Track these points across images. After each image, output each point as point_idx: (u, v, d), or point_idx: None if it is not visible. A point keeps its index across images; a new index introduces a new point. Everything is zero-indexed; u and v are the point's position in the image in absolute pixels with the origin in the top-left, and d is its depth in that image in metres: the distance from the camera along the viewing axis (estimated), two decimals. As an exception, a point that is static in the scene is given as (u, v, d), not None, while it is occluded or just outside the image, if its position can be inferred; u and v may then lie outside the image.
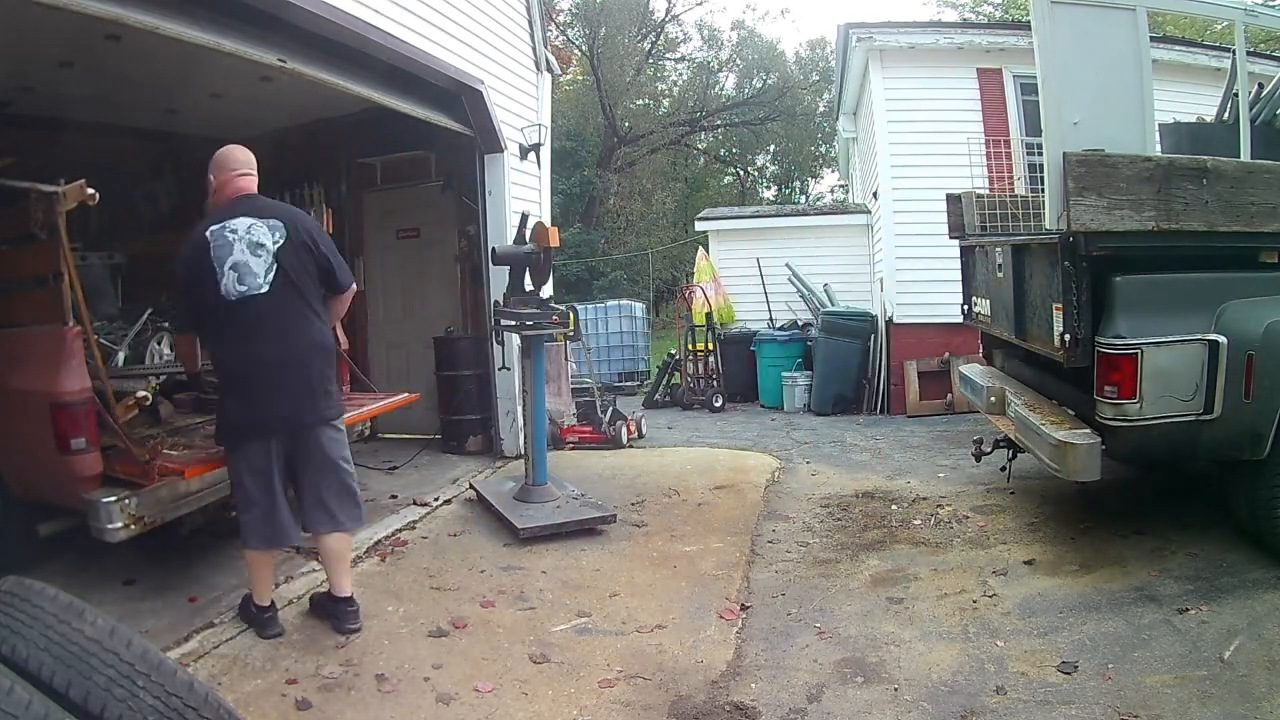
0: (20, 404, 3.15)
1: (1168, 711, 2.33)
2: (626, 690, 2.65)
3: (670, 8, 23.60)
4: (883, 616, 3.16)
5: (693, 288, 9.86)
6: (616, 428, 6.48)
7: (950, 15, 19.51)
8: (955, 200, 5.03)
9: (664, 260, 21.14)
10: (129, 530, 3.03)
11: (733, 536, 4.12)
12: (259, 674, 2.71)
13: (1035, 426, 3.53)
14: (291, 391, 2.91)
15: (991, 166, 7.48)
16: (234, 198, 2.99)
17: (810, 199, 26.13)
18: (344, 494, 3.06)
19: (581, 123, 22.76)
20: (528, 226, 4.68)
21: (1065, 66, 3.42)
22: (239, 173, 3.04)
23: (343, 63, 4.44)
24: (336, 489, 3.04)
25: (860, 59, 8.35)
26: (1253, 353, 3.10)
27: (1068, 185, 3.17)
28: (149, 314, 4.45)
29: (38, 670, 1.47)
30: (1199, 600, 2.97)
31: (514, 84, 6.28)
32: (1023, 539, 3.84)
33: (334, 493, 3.03)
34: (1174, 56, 7.43)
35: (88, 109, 5.12)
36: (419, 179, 6.49)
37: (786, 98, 23.92)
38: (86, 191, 2.95)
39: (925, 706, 2.49)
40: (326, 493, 3.01)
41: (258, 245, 2.87)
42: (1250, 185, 3.25)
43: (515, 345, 5.36)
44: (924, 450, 6.07)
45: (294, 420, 2.94)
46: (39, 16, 3.07)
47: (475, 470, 5.59)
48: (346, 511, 3.07)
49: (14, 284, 3.46)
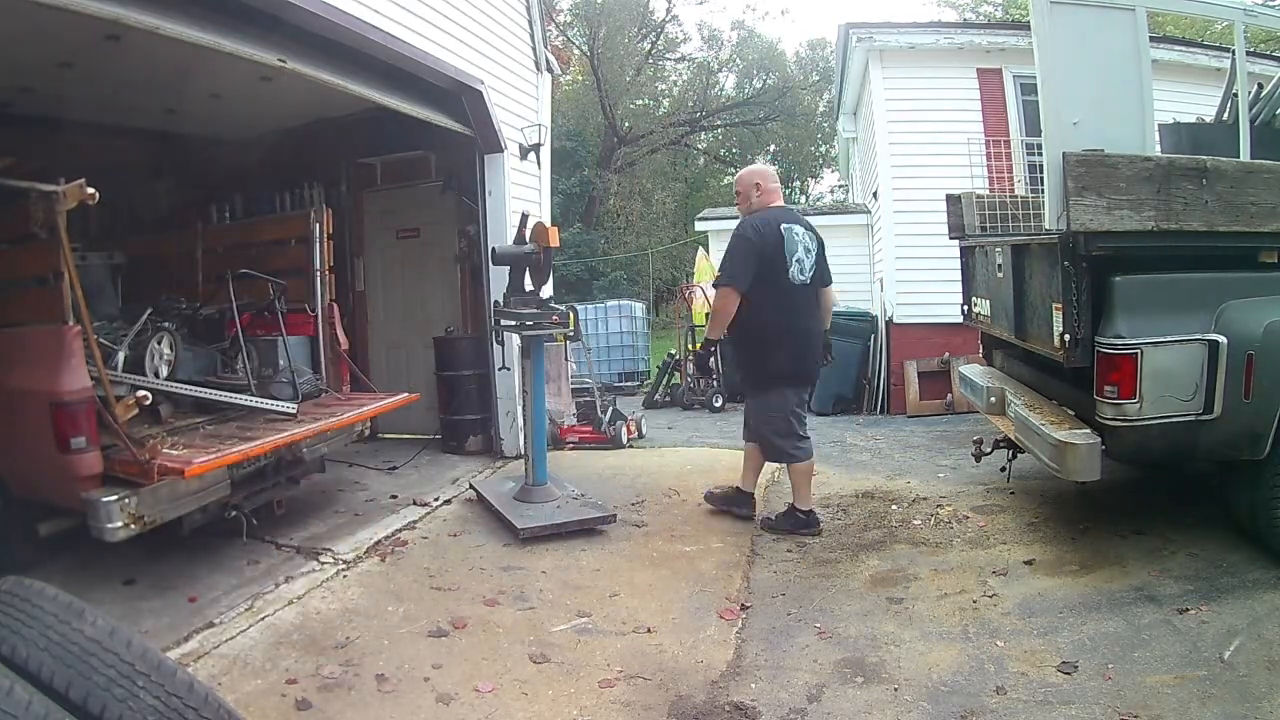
0: (20, 403, 3.15)
1: (1168, 711, 2.33)
2: (626, 690, 2.65)
3: (670, 8, 23.63)
4: (883, 616, 3.16)
5: (693, 288, 9.87)
6: (616, 428, 6.48)
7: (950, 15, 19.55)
8: (955, 200, 5.03)
9: (664, 260, 21.17)
10: (129, 530, 3.03)
11: (733, 536, 4.12)
12: (259, 674, 2.71)
13: (1035, 426, 3.53)
14: (816, 354, 4.15)
15: (991, 166, 7.50)
16: (776, 205, 4.12)
17: (810, 199, 26.14)
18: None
19: (581, 123, 22.78)
20: (528, 226, 4.67)
21: (1065, 66, 3.42)
22: (777, 188, 4.21)
23: (343, 63, 4.44)
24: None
25: (860, 59, 8.36)
26: (1252, 353, 3.09)
27: (1067, 185, 3.17)
28: (149, 314, 4.45)
29: (38, 670, 1.47)
30: (1199, 600, 2.97)
31: (514, 84, 6.28)
32: (1023, 539, 3.84)
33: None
34: (1174, 56, 7.44)
35: (88, 109, 5.12)
36: (419, 179, 6.49)
37: (786, 98, 23.95)
38: (86, 191, 2.95)
39: (925, 706, 2.49)
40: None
41: (808, 249, 4.00)
42: (1250, 185, 3.25)
43: (515, 345, 5.36)
44: (924, 450, 6.07)
45: (815, 373, 4.27)
46: (39, 16, 3.07)
47: (475, 470, 5.59)
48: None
49: (14, 283, 3.47)
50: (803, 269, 3.96)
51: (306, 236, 4.99)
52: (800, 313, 4.01)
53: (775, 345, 3.97)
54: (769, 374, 4.04)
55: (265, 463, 3.82)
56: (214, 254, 5.51)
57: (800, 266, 3.95)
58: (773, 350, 3.98)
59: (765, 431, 4.15)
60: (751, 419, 4.30)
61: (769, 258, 3.89)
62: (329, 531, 4.16)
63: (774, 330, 3.97)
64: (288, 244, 5.22)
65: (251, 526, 3.78)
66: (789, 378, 4.04)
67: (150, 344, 4.20)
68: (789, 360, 3.99)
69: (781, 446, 4.09)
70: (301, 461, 4.14)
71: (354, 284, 6.65)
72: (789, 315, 3.97)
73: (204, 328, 4.85)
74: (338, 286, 5.28)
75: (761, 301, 3.93)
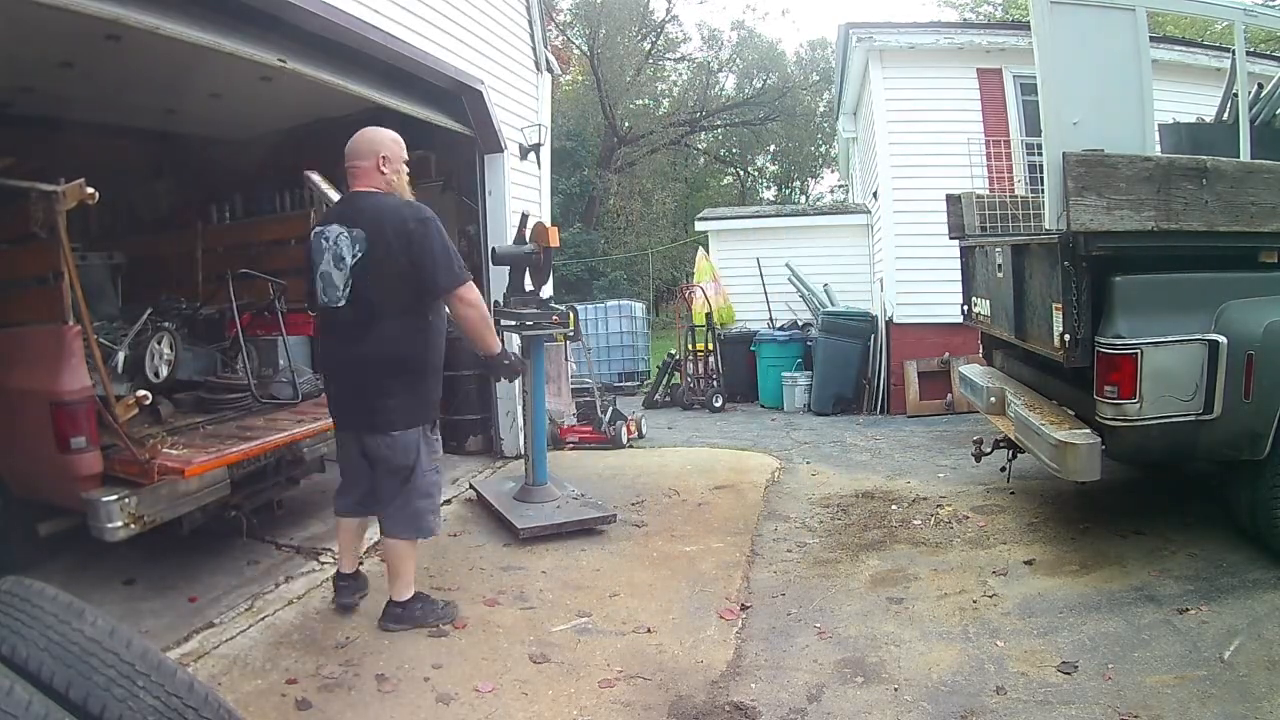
0: (20, 403, 3.15)
1: (1168, 711, 2.33)
2: (626, 690, 2.65)
3: (670, 8, 23.63)
4: (883, 616, 3.16)
5: (693, 288, 9.86)
6: (616, 428, 6.48)
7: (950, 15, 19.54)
8: (955, 200, 5.03)
9: (664, 260, 21.16)
10: (129, 529, 3.03)
11: (733, 536, 4.12)
12: (259, 674, 2.71)
13: (1035, 426, 3.53)
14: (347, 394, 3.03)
15: (991, 167, 7.49)
16: (345, 196, 3.04)
17: (810, 199, 26.17)
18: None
19: (581, 123, 22.77)
20: (528, 226, 4.67)
21: (1065, 66, 3.42)
22: (350, 164, 3.00)
23: (343, 63, 4.44)
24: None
25: (860, 59, 8.36)
26: (1252, 353, 3.10)
27: (1067, 185, 3.17)
28: (149, 314, 4.45)
29: (38, 670, 1.47)
30: (1199, 600, 2.97)
31: (514, 84, 6.28)
32: (1023, 539, 3.84)
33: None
34: (1174, 56, 7.43)
35: (88, 109, 5.12)
36: (419, 179, 6.41)
37: (786, 98, 23.94)
38: (86, 191, 2.95)
39: (925, 706, 2.49)
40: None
41: (339, 258, 2.86)
42: (1250, 185, 3.25)
43: (515, 345, 5.36)
44: (924, 450, 6.07)
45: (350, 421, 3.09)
46: (39, 16, 3.07)
47: (475, 470, 5.59)
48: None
49: (14, 283, 3.47)
50: (328, 286, 2.89)
51: (306, 236, 4.98)
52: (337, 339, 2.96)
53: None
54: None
55: (265, 463, 3.82)
56: (214, 254, 5.52)
57: (325, 283, 2.90)
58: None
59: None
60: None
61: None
62: (329, 531, 4.15)
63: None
64: (288, 244, 5.22)
65: (251, 526, 3.78)
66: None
67: (150, 344, 4.20)
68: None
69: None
70: (301, 461, 4.13)
71: (354, 284, 6.63)
72: (323, 343, 3.11)
73: (204, 328, 4.86)
74: (338, 286, 5.26)
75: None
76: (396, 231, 2.83)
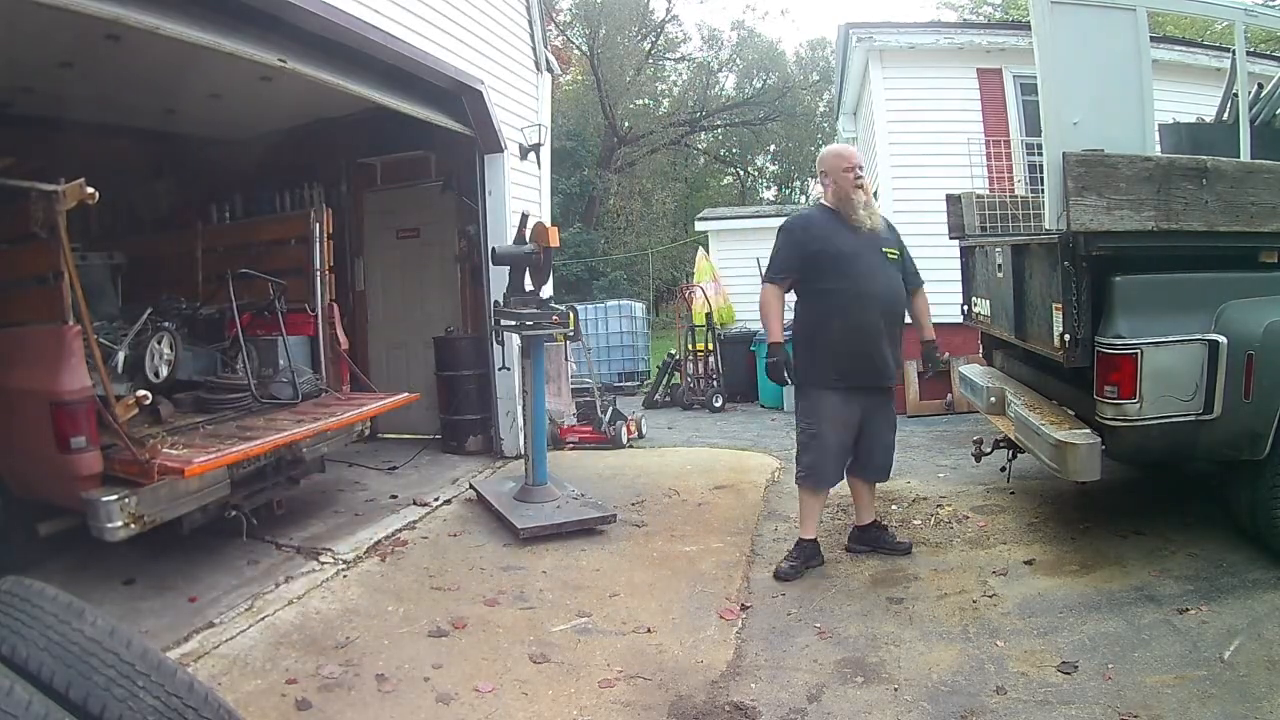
0: (20, 403, 3.15)
1: (1168, 711, 2.33)
2: (626, 690, 2.65)
3: (670, 8, 23.64)
4: (883, 616, 3.16)
5: (693, 288, 9.86)
6: (616, 428, 6.48)
7: (950, 15, 19.55)
8: (955, 201, 5.03)
9: (664, 260, 21.16)
10: (129, 529, 3.03)
11: (733, 536, 4.12)
12: (259, 674, 2.71)
13: (1035, 426, 3.52)
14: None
15: (991, 167, 7.48)
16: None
17: (810, 199, 26.12)
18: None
19: (581, 123, 22.78)
20: (528, 226, 4.68)
21: (1065, 66, 3.41)
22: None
23: (343, 63, 4.45)
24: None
25: (860, 59, 8.35)
26: (1252, 353, 3.09)
27: (1068, 185, 3.17)
28: (149, 314, 4.45)
29: (38, 670, 1.47)
30: (1199, 600, 2.97)
31: (514, 84, 6.28)
32: (1023, 539, 3.84)
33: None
34: (1174, 56, 7.43)
35: (88, 109, 5.12)
36: (419, 179, 6.50)
37: (786, 98, 23.95)
38: (86, 191, 2.96)
39: (925, 706, 2.49)
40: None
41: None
42: (1250, 185, 3.25)
43: (515, 345, 5.36)
44: (924, 450, 6.07)
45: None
46: (39, 16, 3.07)
47: (475, 470, 5.59)
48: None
49: (14, 283, 3.47)
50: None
51: (306, 236, 5.00)
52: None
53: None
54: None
55: (265, 462, 3.81)
56: (214, 254, 5.51)
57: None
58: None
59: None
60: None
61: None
62: (329, 531, 4.16)
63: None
64: (288, 244, 5.22)
65: (251, 526, 3.78)
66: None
67: (150, 344, 4.20)
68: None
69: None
70: (301, 461, 4.14)
71: (354, 284, 6.65)
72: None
73: (204, 327, 4.86)
74: (338, 286, 5.28)
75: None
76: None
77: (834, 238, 3.55)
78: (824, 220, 3.66)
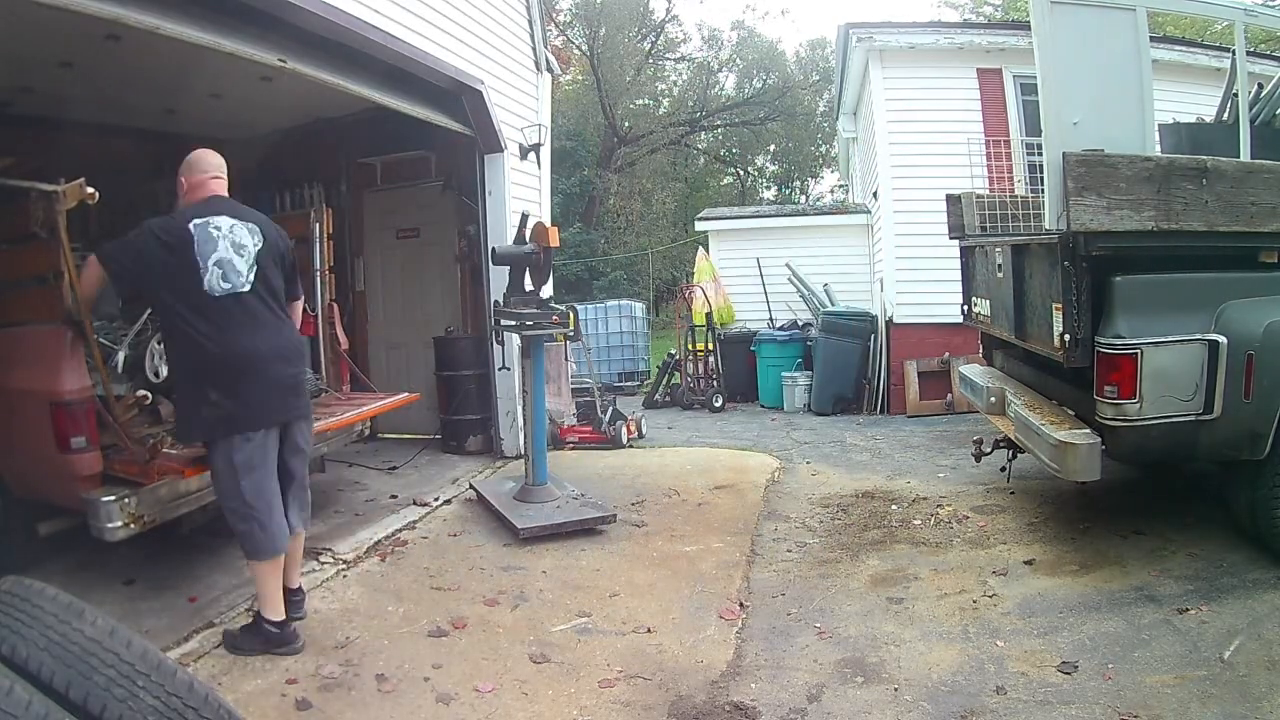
0: (20, 403, 3.15)
1: (1168, 711, 2.33)
2: (626, 690, 2.65)
3: (670, 8, 23.64)
4: (883, 616, 3.16)
5: (693, 288, 9.86)
6: (616, 428, 6.48)
7: (950, 15, 19.54)
8: (955, 200, 5.03)
9: (664, 260, 21.15)
10: (129, 529, 3.03)
11: (733, 536, 4.12)
12: (259, 674, 2.71)
13: (1035, 426, 3.52)
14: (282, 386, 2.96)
15: (991, 166, 7.48)
16: (209, 198, 2.98)
17: (810, 199, 26.14)
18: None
19: (581, 123, 22.77)
20: (528, 226, 4.68)
21: (1065, 66, 3.42)
22: (212, 175, 3.04)
23: (343, 63, 4.44)
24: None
25: (860, 59, 8.35)
26: (1252, 353, 3.10)
27: (1068, 185, 3.17)
28: (149, 314, 4.44)
29: (37, 670, 1.47)
30: (1199, 600, 2.97)
31: (514, 84, 6.28)
32: (1023, 539, 3.84)
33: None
34: (1174, 56, 7.43)
35: (88, 109, 5.12)
36: (419, 179, 6.50)
37: (786, 98, 23.93)
38: (86, 191, 2.96)
39: (925, 706, 2.49)
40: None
41: (240, 245, 2.90)
42: (1250, 185, 3.25)
43: (515, 345, 5.36)
44: (924, 450, 6.07)
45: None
46: (39, 16, 3.07)
47: (475, 470, 5.59)
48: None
49: (14, 283, 3.46)
50: (229, 274, 2.82)
51: (306, 236, 4.99)
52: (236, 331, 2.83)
53: (203, 380, 2.81)
54: (200, 421, 2.83)
55: (265, 463, 3.80)
56: (214, 254, 5.50)
57: (225, 271, 2.82)
58: (200, 387, 2.81)
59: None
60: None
61: (173, 266, 2.80)
62: (329, 531, 4.16)
63: (196, 358, 2.83)
64: (287, 244, 5.21)
65: (251, 526, 3.77)
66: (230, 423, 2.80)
67: (150, 344, 4.19)
68: (221, 399, 2.79)
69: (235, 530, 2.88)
70: (301, 461, 4.13)
71: (354, 284, 6.65)
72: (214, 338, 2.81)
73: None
74: (338, 286, 5.28)
75: (184, 326, 2.82)
76: (280, 235, 3.12)
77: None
78: None
